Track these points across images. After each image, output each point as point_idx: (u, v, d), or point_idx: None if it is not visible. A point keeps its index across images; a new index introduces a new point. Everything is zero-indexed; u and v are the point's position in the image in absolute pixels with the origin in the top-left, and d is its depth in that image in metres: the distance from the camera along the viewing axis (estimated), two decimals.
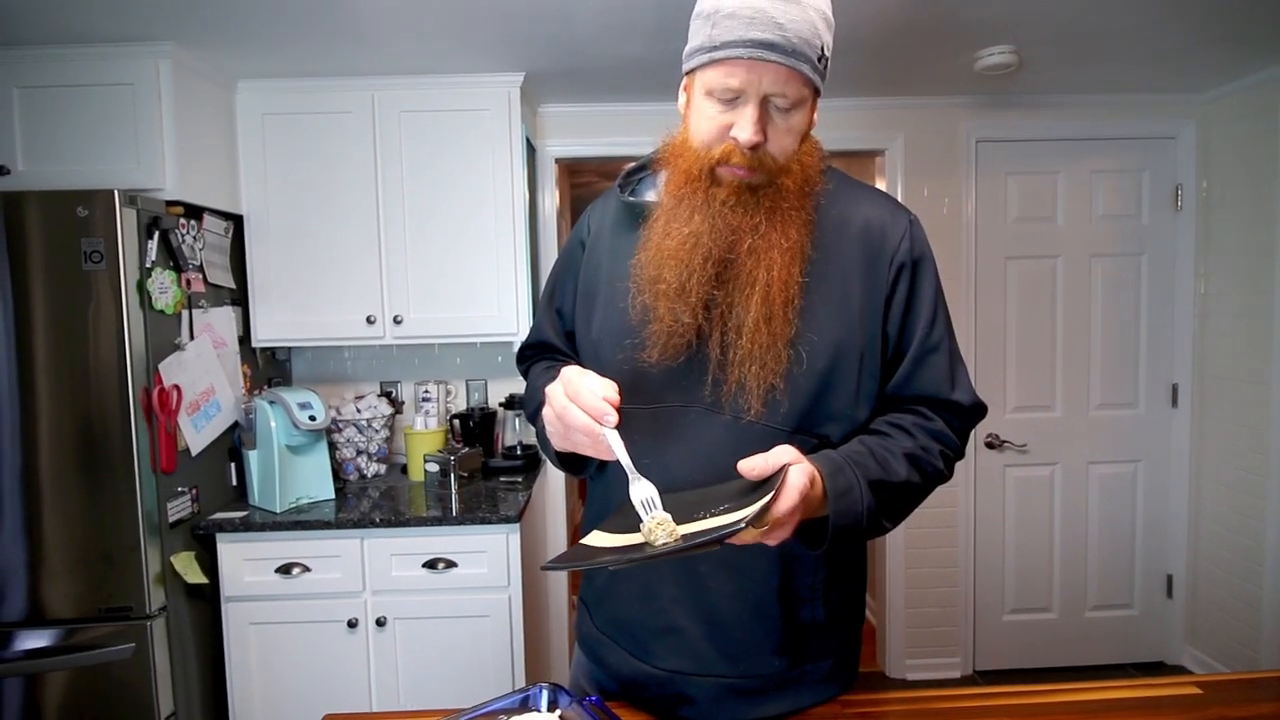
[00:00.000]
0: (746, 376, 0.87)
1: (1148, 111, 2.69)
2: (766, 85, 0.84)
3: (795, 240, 0.88)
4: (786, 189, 0.88)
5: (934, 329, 0.94)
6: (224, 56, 2.06)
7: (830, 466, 0.83)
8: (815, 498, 0.80)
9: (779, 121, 0.87)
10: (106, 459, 1.78)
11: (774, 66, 0.83)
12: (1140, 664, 2.85)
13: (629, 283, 0.93)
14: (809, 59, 0.84)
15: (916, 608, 2.81)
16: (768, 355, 0.87)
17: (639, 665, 0.97)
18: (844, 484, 0.82)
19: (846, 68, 2.30)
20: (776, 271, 0.87)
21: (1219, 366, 2.66)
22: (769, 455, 0.79)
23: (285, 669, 2.04)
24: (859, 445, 0.88)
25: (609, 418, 0.80)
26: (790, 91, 0.85)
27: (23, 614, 1.79)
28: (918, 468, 0.90)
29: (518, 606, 2.05)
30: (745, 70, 0.83)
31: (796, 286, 0.88)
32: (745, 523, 0.69)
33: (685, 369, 0.91)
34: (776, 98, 0.85)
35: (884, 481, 0.86)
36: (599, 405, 0.80)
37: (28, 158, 1.92)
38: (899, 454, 0.88)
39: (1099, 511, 2.83)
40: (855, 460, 0.85)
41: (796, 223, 0.89)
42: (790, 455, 0.80)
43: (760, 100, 0.85)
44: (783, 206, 0.88)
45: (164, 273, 1.89)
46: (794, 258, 0.88)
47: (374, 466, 2.49)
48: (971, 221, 2.73)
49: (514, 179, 2.30)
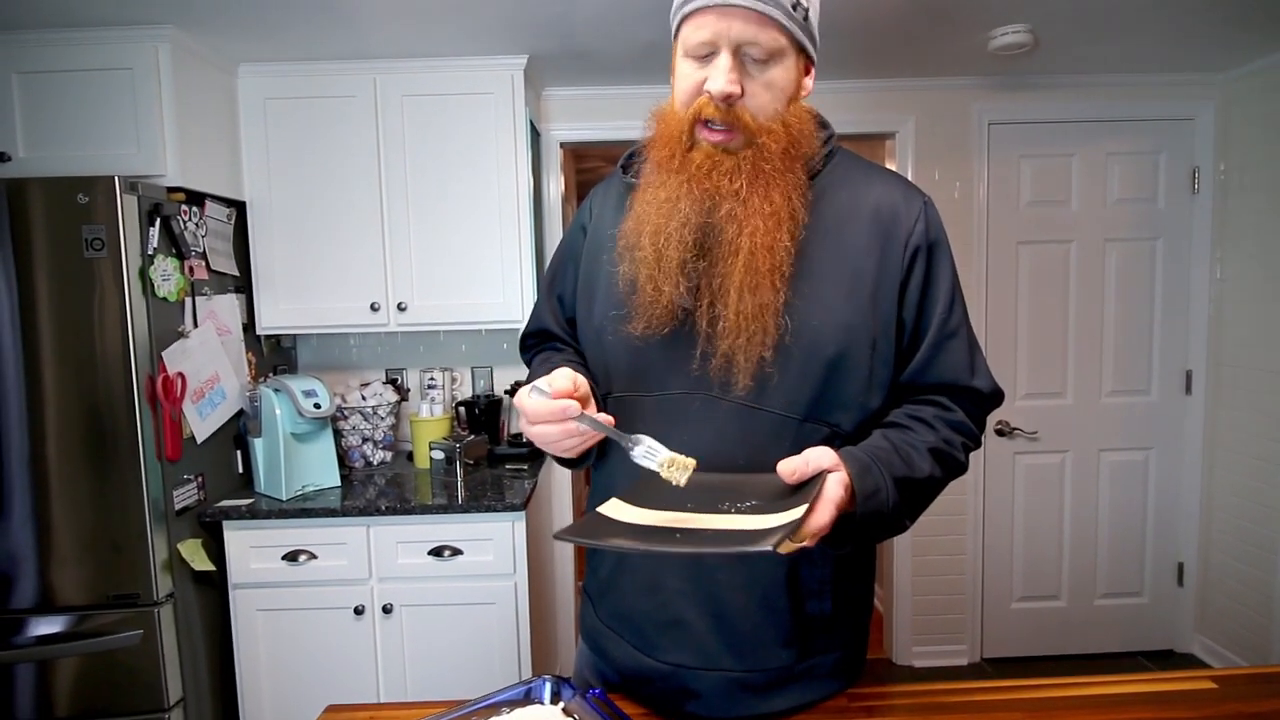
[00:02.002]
0: (734, 349, 0.85)
1: (1165, 92, 2.62)
2: (737, 33, 0.82)
3: (779, 205, 0.85)
4: (768, 150, 0.85)
5: (952, 314, 0.91)
6: (225, 40, 2.03)
7: (858, 466, 0.80)
8: (845, 501, 0.78)
9: (756, 74, 0.84)
10: (112, 447, 1.78)
11: (741, 11, 0.81)
12: (1150, 652, 2.83)
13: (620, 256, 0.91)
14: (780, 5, 0.82)
15: (924, 595, 2.80)
16: (754, 326, 0.84)
17: (643, 659, 0.95)
18: (872, 485, 0.80)
19: (856, 49, 2.25)
20: (760, 238, 0.83)
21: (1234, 353, 2.62)
22: (808, 459, 0.77)
23: (292, 655, 2.05)
24: (882, 440, 0.86)
25: (571, 409, 0.78)
26: (763, 39, 0.82)
27: (33, 601, 1.80)
28: (940, 462, 0.87)
29: (524, 594, 2.05)
30: (714, 18, 0.82)
31: (784, 253, 0.84)
32: (787, 533, 0.67)
33: (673, 342, 0.88)
34: (750, 47, 0.83)
35: (908, 478, 0.83)
36: (556, 406, 0.78)
37: (28, 144, 1.90)
38: (923, 449, 0.86)
39: (1110, 499, 2.80)
40: (880, 458, 0.82)
41: (781, 186, 0.85)
42: (829, 460, 0.78)
43: (733, 51, 0.83)
44: (765, 170, 0.85)
45: (166, 260, 1.87)
46: (779, 223, 0.84)
47: (380, 454, 2.49)
48: (983, 205, 2.68)
49: (518, 163, 2.27)
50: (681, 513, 0.77)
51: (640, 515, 0.78)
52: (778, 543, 0.65)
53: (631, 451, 0.79)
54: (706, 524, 0.74)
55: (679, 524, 0.75)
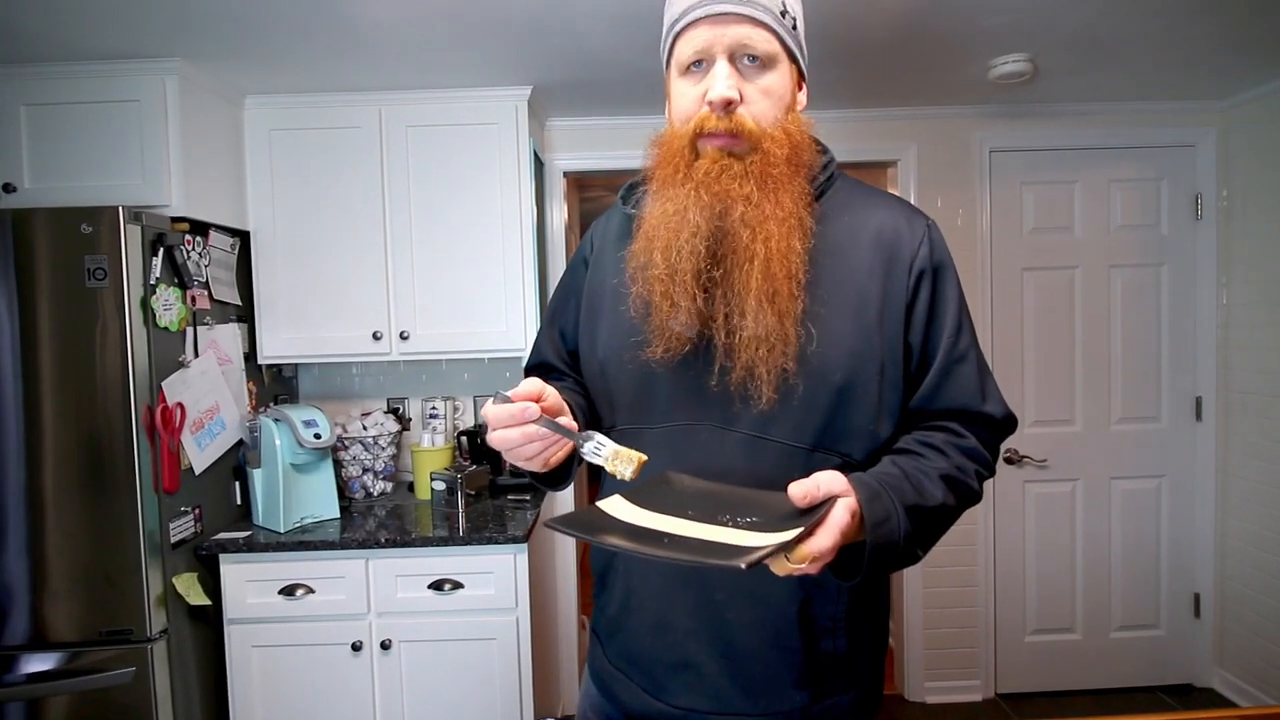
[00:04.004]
0: (755, 360, 0.82)
1: (1166, 119, 2.64)
2: (730, 39, 0.83)
3: (790, 209, 0.84)
4: (774, 156, 0.84)
5: (960, 338, 0.89)
6: (231, 72, 2.05)
7: (867, 492, 0.77)
8: (852, 528, 0.74)
9: (753, 80, 0.85)
10: (109, 478, 1.75)
11: (733, 19, 0.83)
12: (1168, 686, 2.76)
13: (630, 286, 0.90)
14: (769, 10, 0.84)
15: (935, 628, 2.74)
16: (774, 335, 0.81)
17: (653, 702, 0.92)
18: (881, 512, 0.77)
19: (857, 78, 2.27)
20: (775, 243, 0.82)
21: (1243, 379, 2.59)
22: (819, 483, 0.74)
23: (288, 693, 2.00)
24: (892, 467, 0.83)
25: (530, 411, 0.77)
26: (757, 43, 0.83)
27: (25, 637, 1.76)
28: (954, 490, 0.84)
29: (525, 629, 2.00)
30: (706, 29, 0.83)
31: (799, 259, 0.83)
32: (767, 553, 0.65)
33: (689, 363, 0.87)
34: (745, 51, 0.84)
35: (920, 506, 0.80)
36: (515, 409, 0.77)
37: (34, 175, 1.91)
38: (934, 476, 0.83)
39: (1122, 528, 2.75)
40: (891, 485, 0.79)
41: (790, 191, 0.84)
42: (840, 486, 0.75)
43: (729, 57, 0.84)
44: (773, 174, 0.84)
45: (168, 289, 1.87)
46: (792, 229, 0.83)
47: (380, 484, 2.46)
48: (987, 232, 2.68)
49: (521, 193, 2.28)
50: (680, 519, 0.75)
51: (638, 515, 0.76)
52: (752, 562, 0.63)
53: (581, 449, 0.79)
54: (699, 534, 0.72)
55: (672, 529, 0.73)
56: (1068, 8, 1.79)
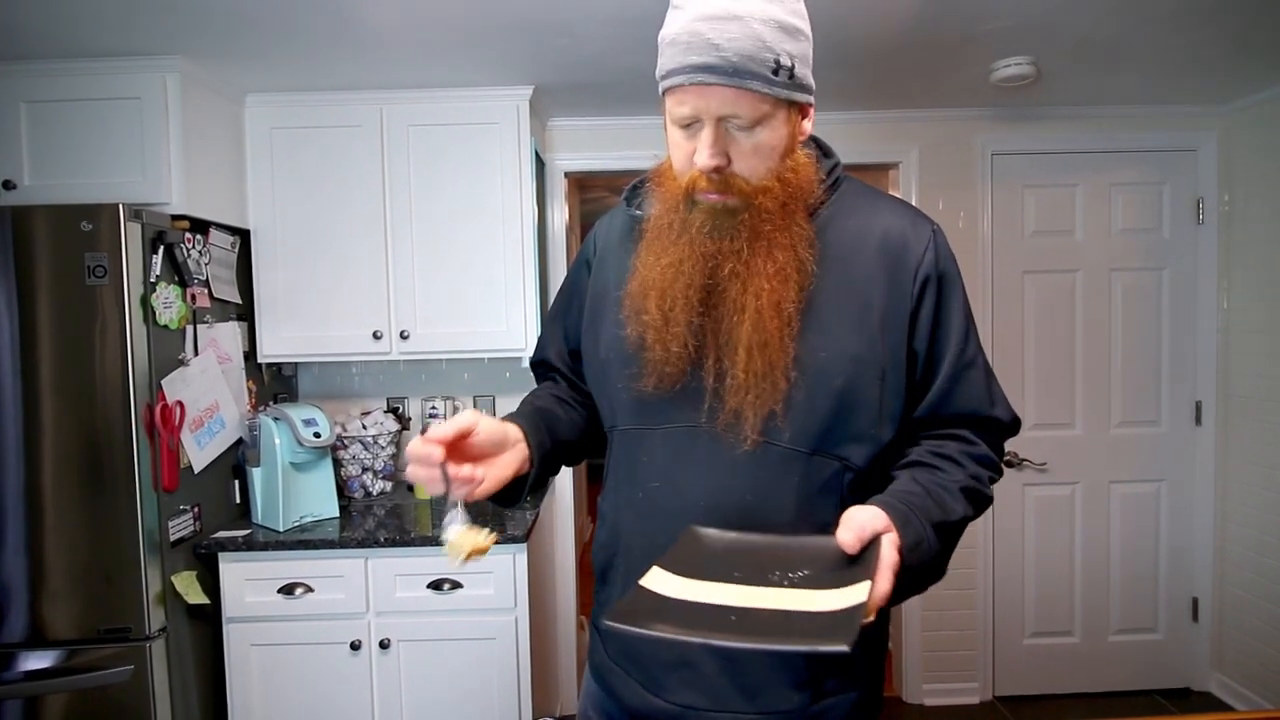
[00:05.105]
0: (743, 405, 0.84)
1: (1168, 123, 2.64)
2: (716, 108, 0.81)
3: (784, 262, 0.84)
4: (765, 210, 0.84)
5: (968, 344, 0.90)
6: (232, 71, 2.05)
7: (900, 518, 0.78)
8: (899, 562, 0.75)
9: (742, 141, 0.83)
10: (108, 476, 1.75)
11: (717, 89, 0.80)
12: (1166, 690, 2.76)
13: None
14: (758, 74, 0.79)
15: (934, 630, 2.74)
16: (764, 383, 0.83)
17: (651, 699, 0.92)
18: (914, 536, 0.78)
19: (860, 81, 2.27)
20: (765, 297, 0.83)
21: (1244, 384, 2.59)
22: (864, 525, 0.75)
23: (287, 692, 2.00)
24: (913, 485, 0.84)
25: (432, 456, 0.83)
26: (743, 111, 0.81)
27: (23, 635, 1.76)
28: (971, 501, 0.86)
29: (524, 629, 2.00)
30: (693, 96, 0.81)
31: (793, 308, 0.84)
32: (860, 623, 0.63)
33: (683, 395, 0.88)
34: (731, 119, 0.82)
35: (945, 523, 0.82)
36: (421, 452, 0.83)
37: (34, 172, 1.91)
38: (955, 490, 0.85)
39: (1121, 532, 2.75)
40: (917, 506, 0.81)
41: (783, 244, 0.85)
42: (882, 523, 0.76)
43: (715, 123, 0.82)
44: (764, 229, 0.84)
45: (169, 287, 1.87)
46: (784, 280, 0.84)
47: (380, 484, 2.46)
48: (988, 235, 2.68)
49: (522, 193, 2.28)
50: (729, 584, 0.74)
51: (685, 587, 0.74)
52: (856, 642, 0.60)
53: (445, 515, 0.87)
54: (760, 601, 0.71)
55: (731, 601, 0.72)
56: (1071, 11, 1.79)
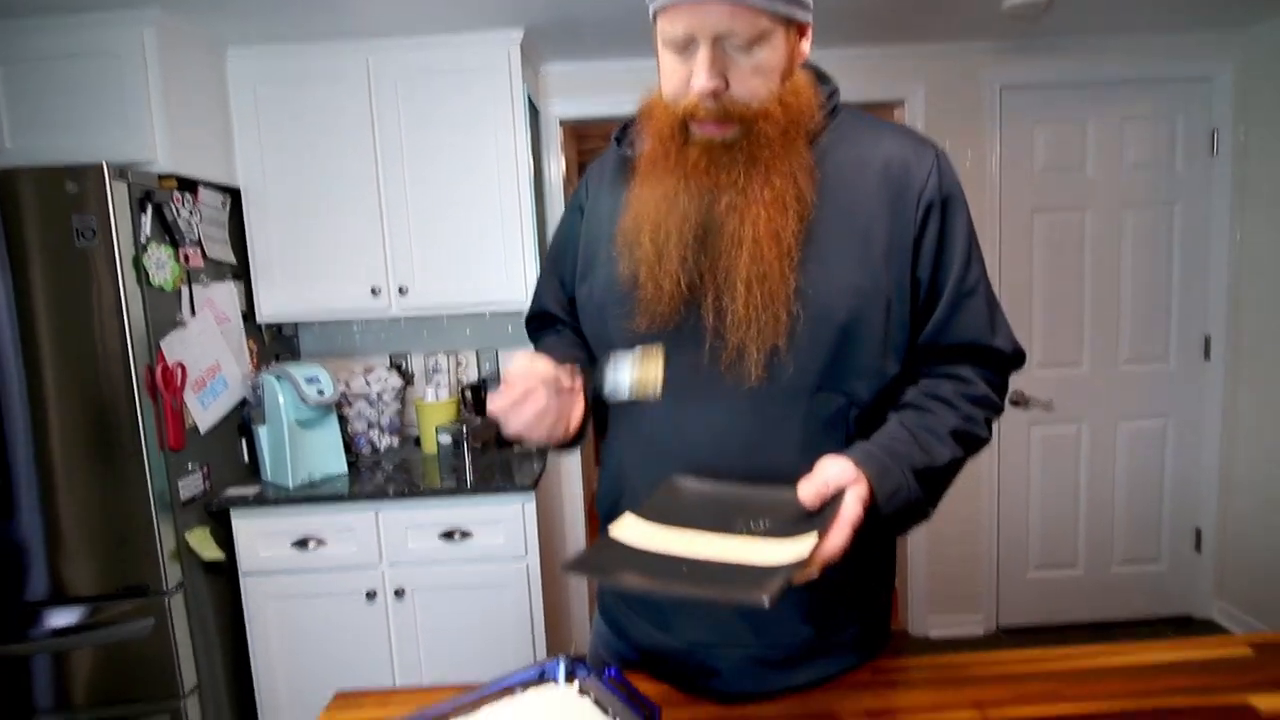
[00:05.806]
0: (745, 341, 0.82)
1: (1182, 51, 2.54)
2: (712, 25, 0.77)
3: (782, 189, 0.81)
4: (765, 135, 0.81)
5: (969, 271, 0.87)
6: (211, 21, 1.98)
7: (877, 468, 0.77)
8: (862, 516, 0.75)
9: (741, 61, 0.79)
10: (115, 438, 1.76)
11: (713, 5, 0.76)
12: (1167, 618, 2.81)
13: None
14: None
15: (939, 565, 2.78)
16: (765, 316, 0.81)
17: (660, 637, 0.93)
18: (892, 485, 0.78)
19: (863, 15, 2.18)
20: (764, 226, 0.80)
21: (1254, 318, 2.56)
22: (828, 480, 0.75)
23: (306, 641, 2.05)
24: (899, 429, 0.83)
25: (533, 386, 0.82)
26: (740, 28, 0.77)
27: (46, 593, 1.80)
28: (962, 443, 0.85)
29: (536, 575, 2.03)
30: (686, 14, 0.77)
31: (792, 238, 0.81)
32: (784, 583, 0.65)
33: (682, 336, 0.86)
34: (728, 37, 0.77)
35: (930, 468, 0.81)
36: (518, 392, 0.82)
37: (15, 133, 1.87)
38: (943, 433, 0.83)
39: (1127, 467, 2.76)
40: (899, 453, 0.80)
41: (782, 171, 0.81)
42: (848, 476, 0.75)
43: (712, 42, 0.77)
44: (763, 156, 0.81)
45: (160, 248, 1.84)
46: (783, 209, 0.81)
47: (386, 439, 2.47)
48: (996, 173, 2.62)
49: (517, 141, 2.22)
50: (696, 531, 0.76)
51: (652, 535, 0.76)
52: (774, 596, 0.63)
53: (602, 392, 0.85)
54: (718, 550, 0.73)
55: (689, 549, 0.74)
56: None
